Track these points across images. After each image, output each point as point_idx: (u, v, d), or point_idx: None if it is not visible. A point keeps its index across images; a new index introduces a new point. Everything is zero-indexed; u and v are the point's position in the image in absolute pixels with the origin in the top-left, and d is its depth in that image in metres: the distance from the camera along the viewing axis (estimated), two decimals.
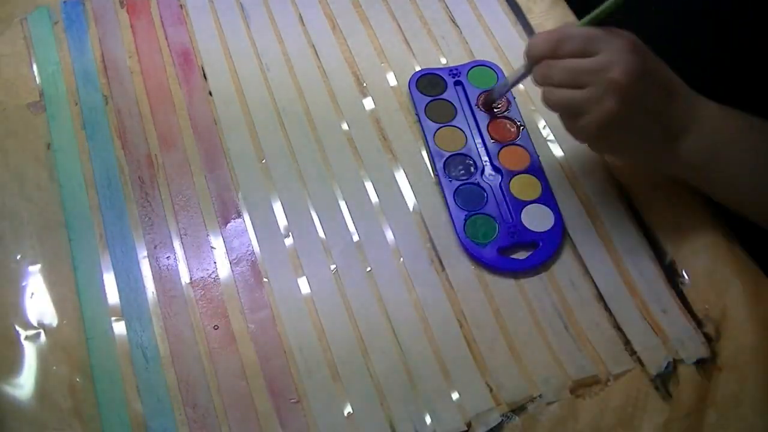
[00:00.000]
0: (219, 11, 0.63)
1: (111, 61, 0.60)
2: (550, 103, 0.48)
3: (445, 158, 0.55)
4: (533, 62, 0.48)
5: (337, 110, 0.58)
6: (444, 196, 0.54)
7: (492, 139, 0.56)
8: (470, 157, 0.55)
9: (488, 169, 0.55)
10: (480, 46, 0.62)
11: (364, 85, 0.59)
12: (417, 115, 0.57)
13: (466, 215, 0.53)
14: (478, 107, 0.57)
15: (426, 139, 0.56)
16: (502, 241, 0.52)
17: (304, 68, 0.60)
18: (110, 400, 0.47)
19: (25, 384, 0.47)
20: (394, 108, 0.58)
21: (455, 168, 0.55)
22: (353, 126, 0.57)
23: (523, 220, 0.52)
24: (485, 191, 0.54)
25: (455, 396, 0.47)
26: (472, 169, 0.55)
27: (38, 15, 0.63)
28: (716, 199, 0.51)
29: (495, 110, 0.57)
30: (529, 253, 0.51)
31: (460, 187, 0.54)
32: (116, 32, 0.62)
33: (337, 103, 0.59)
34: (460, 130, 0.57)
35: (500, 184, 0.54)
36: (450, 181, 0.54)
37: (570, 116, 0.47)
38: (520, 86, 0.59)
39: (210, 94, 0.59)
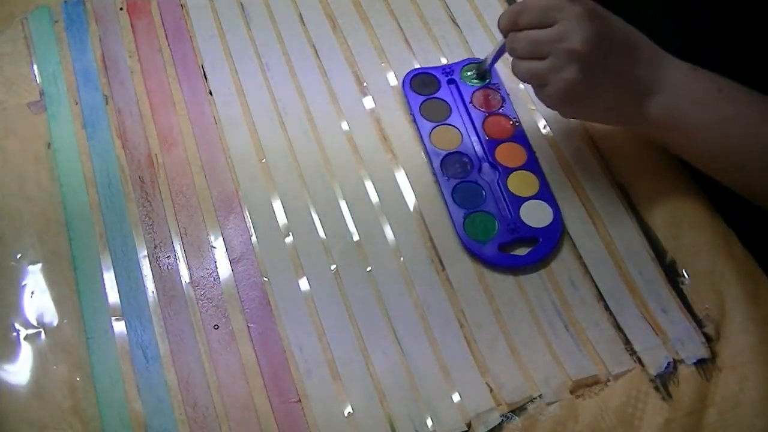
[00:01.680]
0: (219, 11, 0.63)
1: (111, 61, 0.60)
2: (517, 74, 0.49)
3: (441, 157, 0.55)
4: (504, 35, 0.50)
5: (337, 110, 0.58)
6: (442, 195, 0.54)
7: (487, 136, 0.56)
8: (467, 155, 0.55)
9: (485, 167, 0.55)
10: (480, 46, 0.62)
11: (364, 84, 0.59)
12: (412, 114, 0.57)
13: (464, 213, 0.53)
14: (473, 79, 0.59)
15: (422, 138, 0.56)
16: (501, 238, 0.52)
17: (304, 68, 0.60)
18: (110, 399, 0.47)
19: (24, 383, 0.47)
20: (394, 108, 0.58)
21: (452, 166, 0.55)
22: (353, 126, 0.57)
23: (522, 217, 0.52)
24: (483, 189, 0.54)
25: (455, 396, 0.47)
26: (469, 167, 0.55)
27: (39, 14, 0.63)
28: (686, 159, 0.52)
29: (488, 82, 0.58)
30: (530, 249, 0.51)
31: (458, 186, 0.54)
32: (116, 32, 0.62)
33: (338, 103, 0.59)
34: (456, 128, 0.57)
35: (498, 181, 0.54)
36: (447, 179, 0.54)
37: (537, 86, 0.49)
38: (519, 84, 0.59)
39: (210, 94, 0.59)
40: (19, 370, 0.48)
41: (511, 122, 0.57)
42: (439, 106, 0.58)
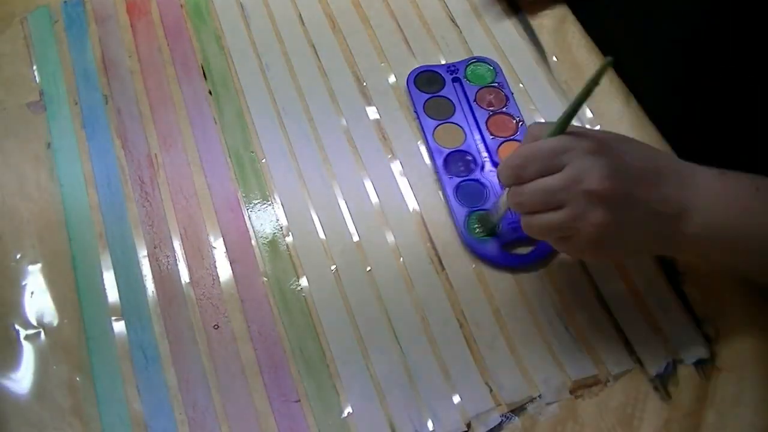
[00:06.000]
0: (219, 11, 0.63)
1: (111, 61, 0.60)
2: (531, 232, 0.43)
3: (444, 155, 0.55)
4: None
5: (337, 110, 0.58)
6: (444, 194, 0.54)
7: (491, 135, 0.56)
8: (470, 153, 0.55)
9: (488, 165, 0.55)
10: (479, 46, 0.62)
11: (364, 84, 0.59)
12: (415, 112, 0.57)
13: (467, 212, 0.53)
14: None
15: (425, 136, 0.56)
16: (504, 237, 0.52)
17: (304, 68, 0.60)
18: (110, 399, 0.47)
19: (25, 383, 0.47)
20: (394, 107, 0.58)
21: (455, 165, 0.55)
22: (353, 125, 0.57)
23: None
24: (486, 187, 0.54)
25: (455, 396, 0.47)
26: (472, 165, 0.55)
27: (38, 14, 0.63)
28: (741, 272, 0.47)
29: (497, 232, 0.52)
30: (531, 248, 0.51)
31: (461, 184, 0.54)
32: (116, 32, 0.62)
33: (337, 103, 0.59)
34: (459, 126, 0.57)
35: None
36: (450, 177, 0.54)
37: (558, 239, 0.43)
38: (519, 84, 0.59)
39: (210, 93, 0.59)
40: (19, 371, 0.48)
41: (515, 121, 0.57)
42: (443, 103, 0.58)
